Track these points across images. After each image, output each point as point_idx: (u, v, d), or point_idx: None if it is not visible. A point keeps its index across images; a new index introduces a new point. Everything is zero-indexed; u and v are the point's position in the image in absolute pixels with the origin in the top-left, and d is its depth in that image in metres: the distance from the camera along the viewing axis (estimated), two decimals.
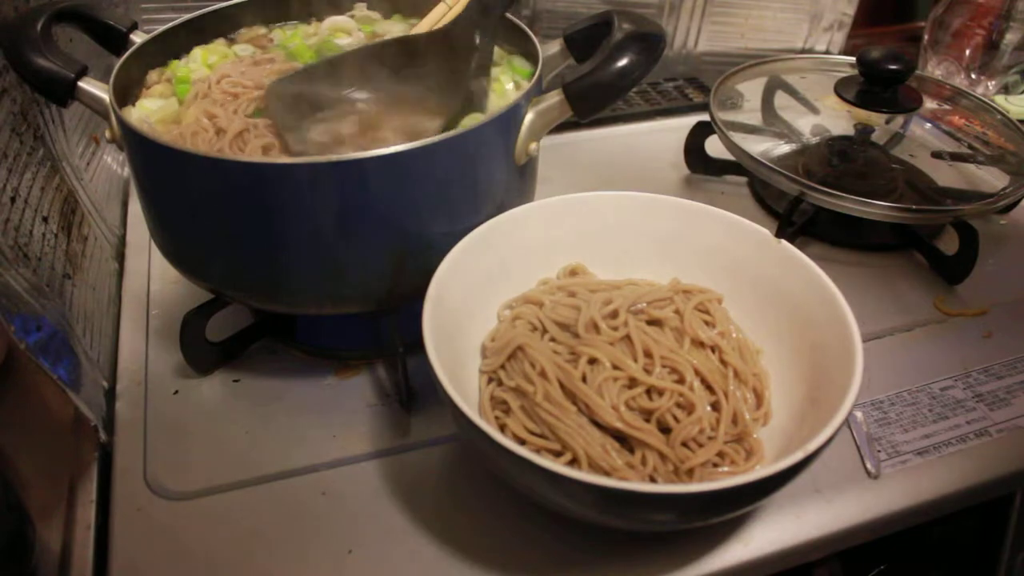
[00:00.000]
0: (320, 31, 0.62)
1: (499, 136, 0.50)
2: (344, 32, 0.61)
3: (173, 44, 0.58)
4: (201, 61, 0.57)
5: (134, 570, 0.45)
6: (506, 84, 0.55)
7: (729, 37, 0.98)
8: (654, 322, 0.50)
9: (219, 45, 0.60)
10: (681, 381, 0.47)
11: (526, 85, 0.52)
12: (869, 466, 0.51)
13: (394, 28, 0.62)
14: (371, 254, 0.49)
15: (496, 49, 0.60)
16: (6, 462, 0.49)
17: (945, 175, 0.73)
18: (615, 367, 0.46)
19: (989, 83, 0.95)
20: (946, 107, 0.80)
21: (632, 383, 0.46)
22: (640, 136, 0.89)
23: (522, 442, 0.45)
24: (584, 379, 0.46)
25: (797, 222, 0.70)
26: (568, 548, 0.46)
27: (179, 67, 0.57)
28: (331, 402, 0.55)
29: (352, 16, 0.64)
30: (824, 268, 0.49)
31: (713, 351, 0.49)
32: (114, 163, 0.76)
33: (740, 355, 0.50)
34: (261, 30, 0.62)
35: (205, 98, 0.52)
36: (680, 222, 0.55)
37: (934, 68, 0.98)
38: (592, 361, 0.47)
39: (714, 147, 0.77)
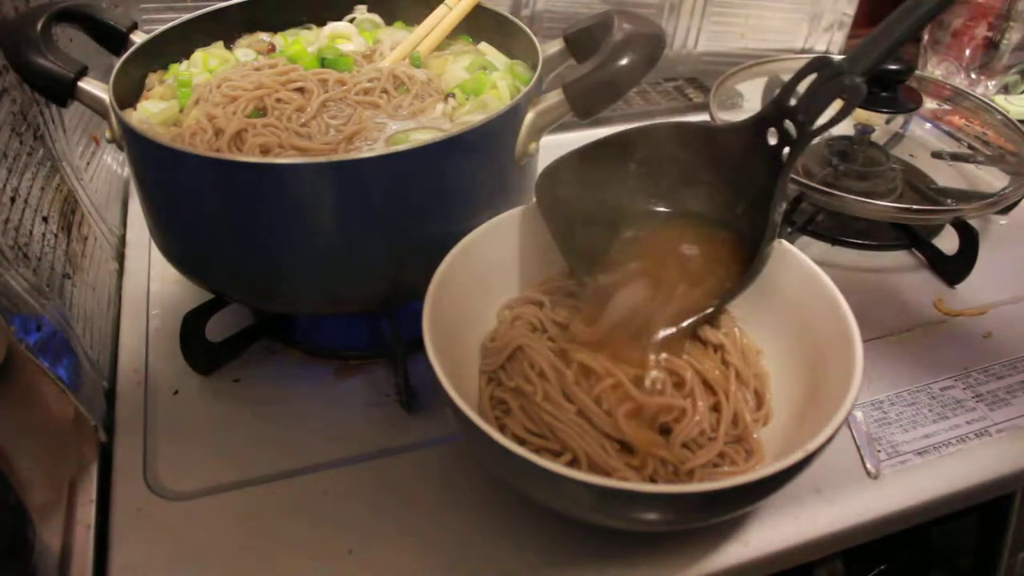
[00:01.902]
0: (320, 37, 0.62)
1: (499, 136, 0.50)
2: (344, 38, 0.61)
3: (173, 44, 0.58)
4: (202, 65, 0.57)
5: (134, 570, 0.45)
6: (502, 91, 0.55)
7: (729, 37, 0.98)
8: None
9: (219, 48, 0.60)
10: (680, 382, 0.47)
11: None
12: (869, 466, 0.51)
13: (395, 35, 0.62)
14: (371, 254, 0.49)
15: (497, 52, 0.60)
16: (6, 462, 0.49)
17: (945, 175, 0.73)
18: (609, 372, 0.46)
19: (989, 83, 0.95)
20: (946, 107, 0.80)
21: (634, 384, 0.46)
22: None
23: (522, 442, 0.45)
24: (579, 383, 0.46)
25: (797, 222, 0.70)
26: (568, 548, 0.46)
27: (180, 71, 0.57)
28: (331, 402, 0.55)
29: (352, 20, 0.64)
30: (824, 268, 0.49)
31: (715, 351, 0.49)
32: (114, 163, 0.76)
33: (742, 356, 0.50)
34: (261, 36, 0.62)
35: (206, 102, 0.52)
36: None
37: (934, 68, 0.98)
38: (584, 365, 0.47)
39: None
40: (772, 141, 0.48)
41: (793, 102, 0.47)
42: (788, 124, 0.47)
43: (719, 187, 0.51)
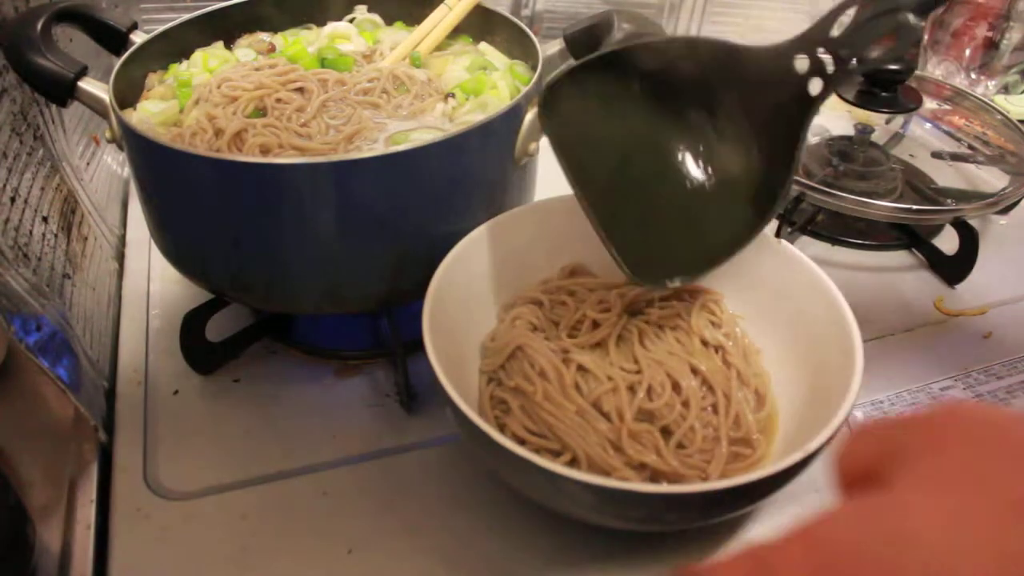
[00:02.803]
0: (320, 37, 0.62)
1: (499, 136, 0.50)
2: (344, 39, 0.61)
3: (173, 44, 0.58)
4: (202, 65, 0.57)
5: (134, 570, 0.45)
6: (502, 90, 0.55)
7: (729, 37, 0.98)
8: (654, 322, 0.50)
9: (219, 48, 0.60)
10: (677, 385, 0.46)
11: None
12: None
13: (395, 35, 0.62)
14: (371, 254, 0.49)
15: (497, 52, 0.60)
16: (6, 462, 0.49)
17: (945, 175, 0.73)
18: (609, 377, 0.46)
19: (989, 83, 0.95)
20: (946, 107, 0.80)
21: (631, 388, 0.46)
22: None
23: (522, 442, 0.45)
24: (578, 386, 0.46)
25: (797, 222, 0.70)
26: (568, 548, 0.46)
27: (180, 71, 0.57)
28: (331, 402, 0.55)
29: (352, 20, 0.64)
30: (824, 268, 0.49)
31: (716, 351, 0.49)
32: (114, 163, 0.76)
33: (743, 356, 0.50)
34: (261, 35, 0.62)
35: (206, 102, 0.52)
36: None
37: (934, 68, 0.98)
38: (582, 368, 0.47)
39: None
40: (802, 70, 0.43)
41: (835, 32, 0.41)
42: (824, 56, 0.42)
43: (738, 115, 0.46)
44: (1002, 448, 0.26)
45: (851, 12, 0.41)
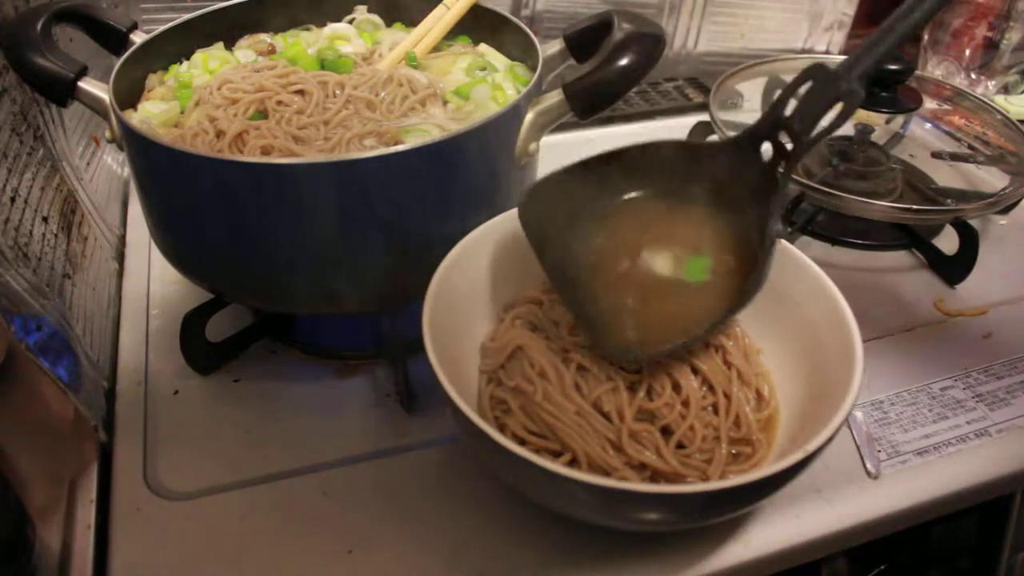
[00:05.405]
0: (320, 38, 0.62)
1: (499, 136, 0.50)
2: (344, 40, 0.61)
3: (173, 44, 0.58)
4: (202, 66, 0.57)
5: (134, 570, 0.45)
6: (508, 91, 0.55)
7: (729, 37, 0.98)
8: None
9: (219, 49, 0.60)
10: (677, 385, 0.46)
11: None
12: (869, 466, 0.51)
13: (395, 36, 0.62)
14: (371, 254, 0.49)
15: (497, 53, 0.60)
16: (6, 462, 0.49)
17: (945, 175, 0.73)
18: (608, 377, 0.46)
19: (989, 83, 0.95)
20: (946, 107, 0.80)
21: (631, 387, 0.46)
22: (640, 136, 0.88)
23: (522, 442, 0.45)
24: (578, 386, 0.46)
25: (797, 222, 0.70)
26: (568, 548, 0.46)
27: (180, 72, 0.57)
28: (331, 402, 0.55)
29: (352, 20, 0.64)
30: (824, 268, 0.49)
31: (717, 351, 0.49)
32: (114, 163, 0.76)
33: (744, 356, 0.49)
34: (261, 36, 0.62)
35: (206, 104, 0.52)
36: None
37: (934, 68, 0.98)
38: (582, 367, 0.47)
39: None
40: (766, 156, 0.46)
41: (788, 112, 0.45)
42: (783, 136, 0.45)
43: (711, 205, 0.49)
44: None
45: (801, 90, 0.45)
